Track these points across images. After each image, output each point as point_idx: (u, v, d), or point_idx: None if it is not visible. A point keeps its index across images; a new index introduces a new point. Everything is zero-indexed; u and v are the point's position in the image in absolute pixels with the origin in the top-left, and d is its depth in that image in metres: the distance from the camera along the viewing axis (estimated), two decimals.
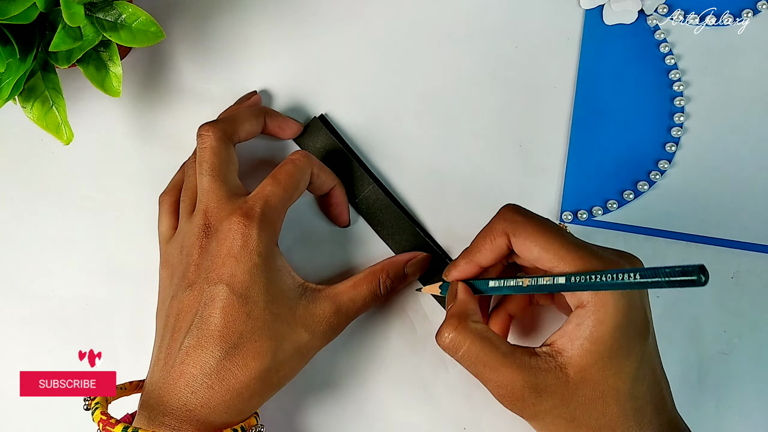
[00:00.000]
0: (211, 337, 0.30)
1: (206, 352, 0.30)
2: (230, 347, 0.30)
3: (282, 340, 0.30)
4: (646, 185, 0.40)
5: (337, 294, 0.33)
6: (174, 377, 0.30)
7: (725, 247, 0.40)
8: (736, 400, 0.39)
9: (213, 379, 0.30)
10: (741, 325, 0.39)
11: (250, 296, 0.30)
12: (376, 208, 0.39)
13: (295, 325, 0.31)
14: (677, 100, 0.40)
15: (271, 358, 0.30)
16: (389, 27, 0.42)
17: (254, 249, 0.31)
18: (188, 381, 0.30)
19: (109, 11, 0.35)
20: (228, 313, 0.30)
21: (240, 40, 0.42)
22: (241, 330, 0.30)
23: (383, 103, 0.42)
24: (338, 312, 0.32)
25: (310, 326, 0.31)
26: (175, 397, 0.29)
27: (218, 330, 0.30)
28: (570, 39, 0.42)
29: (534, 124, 0.41)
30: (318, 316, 0.32)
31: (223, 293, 0.30)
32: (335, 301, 0.32)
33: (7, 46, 0.32)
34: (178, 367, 0.30)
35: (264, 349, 0.30)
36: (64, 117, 0.36)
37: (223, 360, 0.30)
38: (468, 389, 0.39)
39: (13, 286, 0.41)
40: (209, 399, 0.29)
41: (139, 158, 0.42)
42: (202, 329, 0.30)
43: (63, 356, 0.41)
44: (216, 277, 0.31)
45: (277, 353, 0.30)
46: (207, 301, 0.30)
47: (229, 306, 0.30)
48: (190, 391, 0.29)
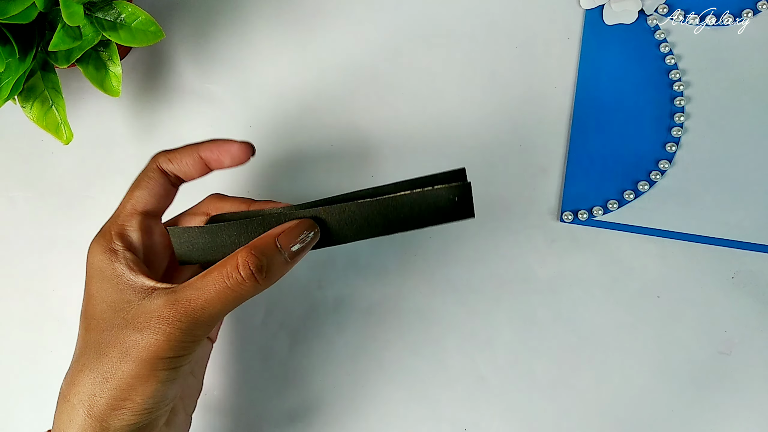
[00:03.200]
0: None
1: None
2: (70, 367, 0.29)
3: (106, 346, 0.27)
4: (646, 185, 0.40)
5: (181, 288, 0.28)
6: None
7: (725, 247, 0.40)
8: (736, 400, 0.39)
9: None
10: (741, 325, 0.39)
11: (87, 311, 0.29)
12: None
13: (124, 326, 0.27)
14: (677, 100, 0.40)
15: (93, 368, 0.27)
16: (389, 27, 0.42)
17: (87, 265, 0.30)
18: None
19: (108, 11, 0.35)
20: (78, 337, 0.30)
21: (240, 39, 0.42)
22: (78, 347, 0.29)
23: (383, 103, 0.42)
24: (176, 305, 0.27)
25: (139, 324, 0.27)
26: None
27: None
28: (570, 39, 0.42)
29: (534, 123, 0.41)
30: (150, 311, 0.27)
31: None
32: (174, 294, 0.27)
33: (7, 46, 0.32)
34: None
35: (87, 360, 0.28)
36: (64, 117, 0.36)
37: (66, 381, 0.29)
38: (468, 389, 0.39)
39: (13, 286, 0.41)
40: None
41: (139, 158, 0.42)
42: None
43: (63, 356, 0.41)
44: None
45: (100, 361, 0.27)
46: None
47: (79, 327, 0.30)
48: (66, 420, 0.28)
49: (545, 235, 0.40)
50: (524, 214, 0.40)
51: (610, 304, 0.40)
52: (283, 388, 0.39)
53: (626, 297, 0.40)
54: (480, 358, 0.40)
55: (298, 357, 0.40)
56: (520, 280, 0.40)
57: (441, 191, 0.27)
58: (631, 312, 0.39)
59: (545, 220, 0.40)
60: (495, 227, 0.40)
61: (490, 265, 0.40)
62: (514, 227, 0.40)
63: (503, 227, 0.40)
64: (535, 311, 0.40)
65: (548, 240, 0.40)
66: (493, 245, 0.40)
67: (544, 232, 0.40)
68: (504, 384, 0.39)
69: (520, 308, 0.40)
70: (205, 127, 0.42)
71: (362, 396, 0.40)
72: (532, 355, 0.39)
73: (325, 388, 0.40)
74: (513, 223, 0.40)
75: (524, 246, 0.40)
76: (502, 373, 0.39)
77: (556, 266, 0.40)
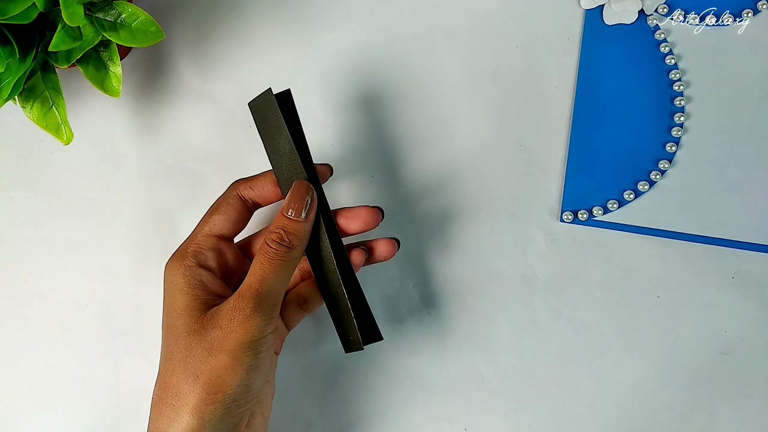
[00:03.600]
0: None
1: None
2: (158, 375, 0.31)
3: (191, 347, 0.30)
4: (646, 185, 0.40)
5: (242, 284, 0.32)
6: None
7: (725, 247, 0.40)
8: (736, 400, 0.39)
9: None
10: (741, 325, 0.39)
11: (165, 323, 0.32)
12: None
13: (202, 329, 0.30)
14: (677, 100, 0.40)
15: (183, 368, 0.30)
16: (389, 27, 0.42)
17: (165, 282, 0.33)
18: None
19: (108, 11, 0.35)
20: (161, 347, 0.32)
21: (240, 39, 0.42)
22: (162, 356, 0.31)
23: (383, 103, 0.42)
24: (240, 295, 0.30)
25: (217, 322, 0.30)
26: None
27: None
28: (570, 39, 0.42)
29: (534, 124, 0.41)
30: (222, 311, 0.30)
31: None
32: (237, 291, 0.31)
33: (7, 46, 0.32)
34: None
35: (176, 364, 0.30)
36: (64, 117, 0.36)
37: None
38: (468, 389, 0.39)
39: (13, 286, 0.41)
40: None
41: (139, 158, 0.42)
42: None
43: (63, 356, 0.41)
44: None
45: (188, 361, 0.30)
46: None
47: (161, 339, 0.32)
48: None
49: (545, 235, 0.40)
50: (524, 214, 0.40)
51: (610, 304, 0.40)
52: (283, 389, 0.39)
53: (626, 297, 0.40)
54: (480, 358, 0.40)
55: (298, 357, 0.40)
56: (520, 280, 0.40)
57: (354, 329, 0.33)
58: (631, 312, 0.39)
59: (545, 220, 0.40)
60: (495, 227, 0.40)
61: (490, 265, 0.40)
62: (514, 227, 0.40)
63: (503, 227, 0.40)
64: (535, 311, 0.40)
65: (548, 240, 0.40)
66: (493, 245, 0.40)
67: (544, 232, 0.40)
68: (504, 384, 0.39)
69: (520, 308, 0.40)
70: (205, 127, 0.42)
71: (362, 396, 0.40)
72: (532, 355, 0.39)
73: (325, 389, 0.40)
74: (513, 223, 0.40)
75: (524, 246, 0.40)
76: (502, 373, 0.39)
77: (556, 266, 0.40)
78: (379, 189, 0.41)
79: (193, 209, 0.41)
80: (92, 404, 0.40)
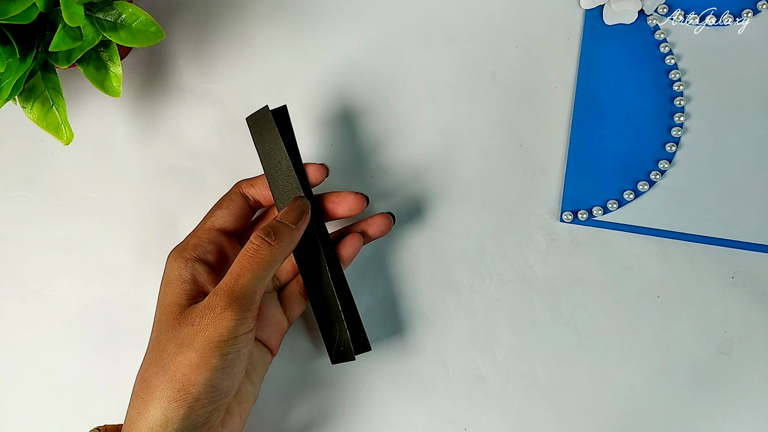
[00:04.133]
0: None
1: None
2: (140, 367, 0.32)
3: (165, 343, 0.30)
4: (646, 185, 0.40)
5: (219, 283, 0.31)
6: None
7: (725, 247, 0.40)
8: (736, 400, 0.39)
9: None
10: (741, 325, 0.39)
11: (154, 315, 0.33)
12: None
13: (177, 324, 0.30)
14: (677, 100, 0.40)
15: (156, 363, 0.30)
16: (389, 27, 0.42)
17: (164, 273, 0.33)
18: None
19: (109, 11, 0.35)
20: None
21: (240, 39, 0.42)
22: (148, 346, 0.32)
23: (383, 102, 0.42)
24: (215, 293, 0.30)
25: (190, 319, 0.30)
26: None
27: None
28: (570, 39, 0.42)
29: (534, 124, 0.41)
30: (198, 308, 0.30)
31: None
32: (215, 287, 0.31)
33: (7, 46, 0.32)
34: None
35: (151, 358, 0.31)
36: (64, 117, 0.36)
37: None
38: (468, 389, 0.39)
39: (13, 286, 0.41)
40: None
41: (139, 158, 0.42)
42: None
43: (63, 356, 0.41)
44: None
45: (161, 356, 0.30)
46: None
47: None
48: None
49: (545, 235, 0.40)
50: (524, 215, 0.40)
51: (610, 304, 0.40)
52: (283, 389, 0.39)
53: (626, 297, 0.40)
54: (480, 358, 0.40)
55: (298, 357, 0.40)
56: (520, 280, 0.40)
57: (347, 339, 0.35)
58: (631, 312, 0.39)
59: (545, 220, 0.40)
60: (495, 227, 0.40)
61: (490, 265, 0.40)
62: (514, 227, 0.40)
63: (503, 227, 0.40)
64: (535, 311, 0.40)
65: (548, 240, 0.40)
66: (493, 245, 0.40)
67: (544, 232, 0.40)
68: (504, 384, 0.39)
69: (520, 308, 0.40)
70: (205, 127, 0.42)
71: (362, 396, 0.40)
72: (532, 355, 0.39)
73: (325, 389, 0.40)
74: (513, 224, 0.40)
75: (524, 246, 0.40)
76: (502, 373, 0.39)
77: (556, 266, 0.40)
78: (378, 188, 0.41)
79: (193, 209, 0.41)
80: (92, 404, 0.40)
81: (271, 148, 0.35)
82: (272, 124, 0.35)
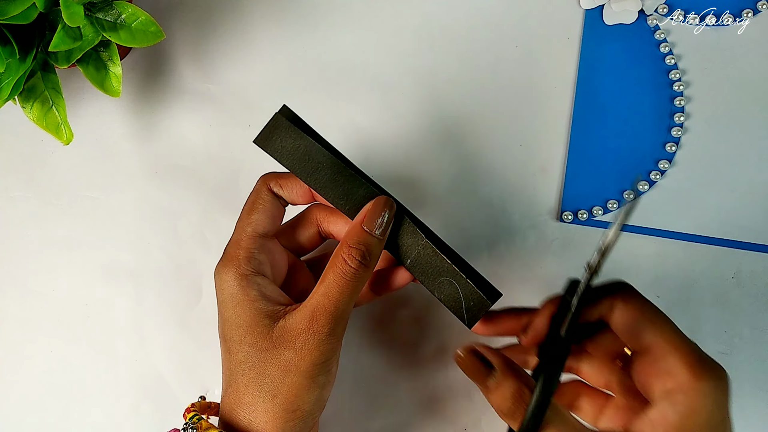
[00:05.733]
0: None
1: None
2: (227, 385, 0.31)
3: (264, 366, 0.30)
4: (646, 185, 0.40)
5: (309, 300, 0.31)
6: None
7: (725, 247, 0.40)
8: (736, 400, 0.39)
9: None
10: (741, 325, 0.39)
11: (226, 335, 0.31)
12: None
13: (273, 347, 0.30)
14: (677, 100, 0.40)
15: (258, 386, 0.30)
16: (389, 27, 0.42)
17: (218, 289, 0.32)
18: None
19: (108, 11, 0.35)
20: (222, 355, 0.32)
21: (240, 40, 0.42)
22: (228, 367, 0.31)
23: (383, 103, 0.42)
24: (314, 316, 0.30)
25: (289, 342, 0.30)
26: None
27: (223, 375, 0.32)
28: (570, 39, 0.42)
29: (534, 123, 0.41)
30: (293, 329, 0.30)
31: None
32: (307, 308, 0.30)
33: (7, 46, 0.32)
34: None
35: (249, 380, 0.30)
36: (64, 117, 0.36)
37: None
38: (468, 389, 0.39)
39: (13, 286, 0.41)
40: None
41: (139, 158, 0.42)
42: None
43: (62, 356, 0.41)
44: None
45: (263, 380, 0.30)
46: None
47: (221, 348, 0.32)
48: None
49: (545, 235, 0.40)
50: (524, 214, 0.40)
51: None
52: None
53: None
54: None
55: None
56: (520, 280, 0.40)
57: (472, 289, 0.32)
58: None
59: (545, 220, 0.40)
60: (495, 227, 0.40)
61: (490, 265, 0.40)
62: (514, 227, 0.40)
63: (503, 227, 0.40)
64: None
65: (548, 240, 0.40)
66: (493, 245, 0.40)
67: (544, 232, 0.40)
68: None
69: None
70: (205, 127, 0.42)
71: (362, 396, 0.40)
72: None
73: None
74: (513, 223, 0.40)
75: (524, 246, 0.40)
76: None
77: (556, 266, 0.40)
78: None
79: (193, 209, 0.41)
80: (92, 404, 0.40)
81: (303, 152, 0.32)
82: (291, 128, 0.32)
